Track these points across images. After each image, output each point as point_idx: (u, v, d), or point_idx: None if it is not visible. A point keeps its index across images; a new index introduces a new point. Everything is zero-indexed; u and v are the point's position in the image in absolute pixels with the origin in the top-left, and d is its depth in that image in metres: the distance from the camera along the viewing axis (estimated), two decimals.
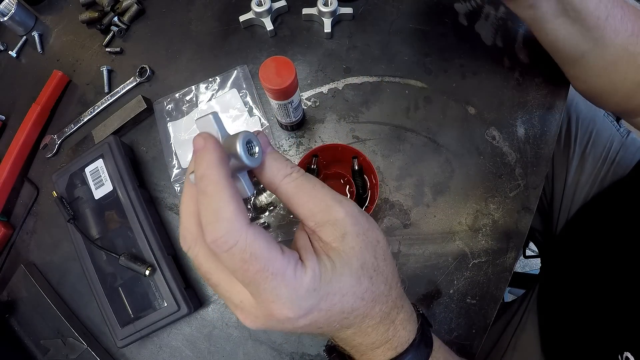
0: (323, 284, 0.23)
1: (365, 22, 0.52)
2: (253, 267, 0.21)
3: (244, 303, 0.24)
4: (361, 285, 0.25)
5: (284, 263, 0.22)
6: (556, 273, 0.57)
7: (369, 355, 0.28)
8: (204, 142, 0.22)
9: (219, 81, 0.51)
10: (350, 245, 0.24)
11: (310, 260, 0.24)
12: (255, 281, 0.22)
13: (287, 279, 0.22)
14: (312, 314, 0.23)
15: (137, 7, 0.55)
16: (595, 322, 0.45)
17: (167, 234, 0.48)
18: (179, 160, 0.49)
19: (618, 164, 0.58)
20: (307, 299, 0.23)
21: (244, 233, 0.21)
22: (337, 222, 0.24)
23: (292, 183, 0.25)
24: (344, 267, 0.24)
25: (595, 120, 0.61)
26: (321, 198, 0.24)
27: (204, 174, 0.21)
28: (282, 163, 0.25)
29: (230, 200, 0.21)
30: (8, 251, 0.52)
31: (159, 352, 0.46)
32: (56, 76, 0.54)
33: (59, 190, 0.48)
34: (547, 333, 0.52)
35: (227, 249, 0.21)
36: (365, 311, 0.25)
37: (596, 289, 0.47)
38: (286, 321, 0.23)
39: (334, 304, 0.24)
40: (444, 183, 0.46)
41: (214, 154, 0.21)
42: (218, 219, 0.21)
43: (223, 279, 0.24)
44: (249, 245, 0.21)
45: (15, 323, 0.48)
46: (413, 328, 0.29)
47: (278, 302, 0.22)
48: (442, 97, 0.49)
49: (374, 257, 0.26)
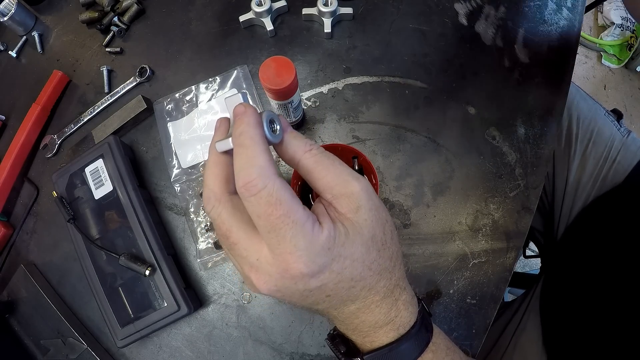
0: (336, 246, 0.25)
1: (365, 22, 0.52)
2: (277, 212, 0.23)
3: (260, 261, 0.25)
4: (370, 254, 0.26)
5: (304, 215, 0.24)
6: (559, 274, 0.57)
7: (371, 336, 0.29)
8: (245, 108, 0.25)
9: (219, 81, 0.51)
10: (363, 218, 0.26)
11: (327, 222, 0.25)
12: (277, 227, 0.23)
13: (306, 230, 0.24)
14: (324, 273, 0.25)
15: (137, 7, 0.55)
16: (602, 327, 0.45)
17: (167, 234, 0.48)
18: (179, 160, 0.49)
19: (619, 163, 0.58)
20: (321, 255, 0.24)
21: (273, 180, 0.23)
22: (353, 195, 0.26)
23: (312, 158, 0.26)
24: (356, 235, 0.25)
25: (596, 119, 0.61)
26: (339, 173, 0.26)
27: (243, 131, 0.24)
28: (303, 140, 0.27)
29: (264, 151, 0.24)
30: (8, 251, 0.52)
31: (159, 352, 0.46)
32: (56, 76, 0.54)
33: (59, 190, 0.48)
34: (550, 334, 0.52)
35: (256, 192, 0.23)
36: (371, 283, 0.27)
37: (600, 292, 0.47)
38: (299, 278, 0.24)
39: (345, 267, 0.25)
40: (444, 183, 0.46)
41: (252, 117, 0.25)
42: (252, 165, 0.23)
43: (242, 236, 0.25)
44: (276, 191, 0.23)
45: (15, 323, 0.48)
46: (415, 310, 0.29)
47: (295, 253, 0.23)
48: (442, 97, 0.49)
49: (383, 232, 0.27)
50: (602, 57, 1.59)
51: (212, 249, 0.47)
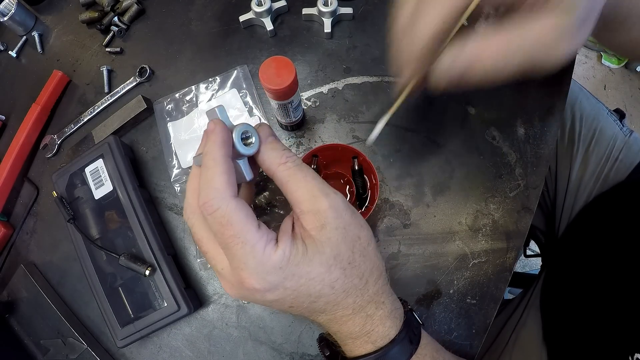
0: (290, 265, 0.25)
1: (365, 22, 0.52)
2: (228, 232, 0.25)
3: (224, 270, 0.27)
4: (331, 274, 0.26)
5: (256, 236, 0.25)
6: (560, 270, 0.57)
7: (349, 345, 0.30)
8: (214, 126, 0.26)
9: (219, 81, 0.51)
10: (327, 236, 0.26)
11: (284, 242, 0.26)
12: (228, 245, 0.25)
13: (256, 251, 0.25)
14: (277, 290, 0.26)
15: (137, 7, 0.55)
16: (603, 322, 0.45)
17: (167, 234, 0.48)
18: (179, 160, 0.49)
19: (621, 162, 0.58)
20: (272, 274, 0.25)
21: (227, 202, 0.25)
22: (319, 213, 0.26)
23: (285, 172, 0.27)
24: (315, 254, 0.26)
25: (599, 118, 0.61)
26: (309, 188, 0.27)
27: (208, 151, 0.25)
28: (279, 152, 0.28)
29: (222, 173, 0.25)
30: (8, 251, 0.52)
31: (159, 352, 0.46)
32: (56, 76, 0.54)
33: (59, 190, 0.48)
34: (551, 331, 0.52)
35: (211, 212, 0.25)
36: (335, 299, 0.27)
37: (602, 289, 0.47)
38: (255, 292, 0.26)
39: (301, 284, 0.26)
40: (444, 183, 0.46)
41: (218, 136, 0.25)
42: (209, 187, 0.25)
43: (211, 247, 0.27)
44: (228, 213, 0.24)
45: (15, 323, 0.48)
46: (394, 324, 0.29)
47: (246, 270, 0.25)
48: (442, 97, 0.49)
49: (351, 251, 0.27)
50: (602, 57, 1.59)
51: None
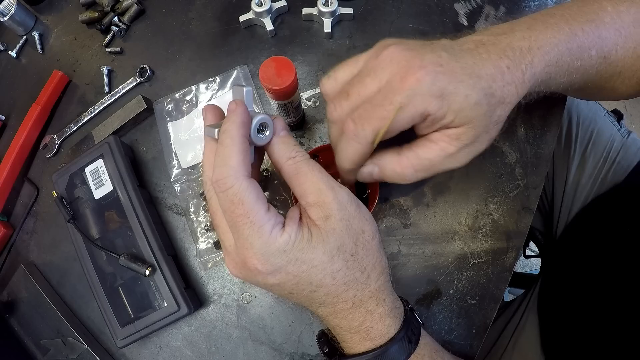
0: (294, 250, 0.26)
1: (365, 22, 0.52)
2: (237, 210, 0.25)
3: (230, 247, 0.27)
4: (333, 264, 0.27)
5: (264, 218, 0.26)
6: (557, 274, 0.57)
7: (347, 341, 0.30)
8: (236, 106, 0.26)
9: (219, 81, 0.51)
10: (331, 226, 0.27)
11: (291, 227, 0.27)
12: (237, 224, 0.25)
13: (263, 232, 0.25)
14: (279, 273, 0.26)
15: (137, 7, 0.55)
16: (600, 327, 0.45)
17: (167, 234, 0.48)
18: (179, 160, 0.49)
19: (619, 164, 0.57)
20: (276, 256, 0.26)
21: (240, 181, 0.25)
22: (324, 205, 0.27)
23: (293, 166, 0.28)
24: (319, 243, 0.26)
25: (596, 120, 0.61)
26: (315, 181, 0.27)
27: (226, 129, 0.26)
28: (289, 147, 0.28)
29: (239, 152, 0.25)
30: (8, 251, 0.52)
31: (159, 352, 0.46)
32: (56, 76, 0.54)
33: (59, 190, 0.48)
34: (548, 334, 0.52)
35: (224, 190, 0.25)
36: (336, 291, 0.27)
37: (598, 291, 0.47)
38: (257, 273, 0.26)
39: (302, 271, 0.26)
40: (444, 183, 0.46)
41: (239, 117, 0.26)
42: (225, 164, 0.25)
43: (221, 222, 0.28)
44: (240, 192, 0.25)
45: (15, 323, 0.48)
46: (394, 323, 0.30)
47: (250, 250, 0.25)
48: None
49: (354, 243, 0.28)
50: None
51: (212, 249, 0.47)
